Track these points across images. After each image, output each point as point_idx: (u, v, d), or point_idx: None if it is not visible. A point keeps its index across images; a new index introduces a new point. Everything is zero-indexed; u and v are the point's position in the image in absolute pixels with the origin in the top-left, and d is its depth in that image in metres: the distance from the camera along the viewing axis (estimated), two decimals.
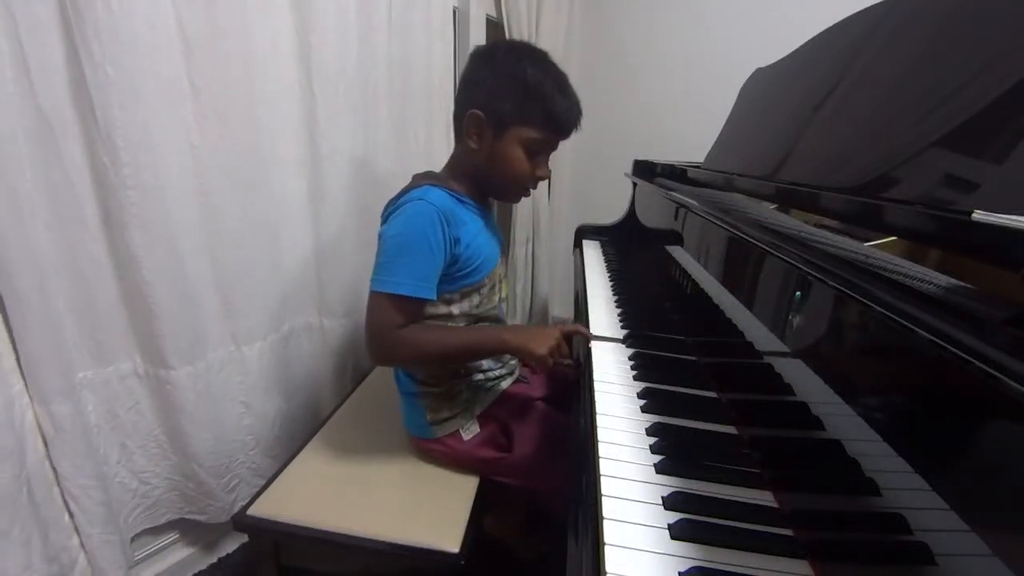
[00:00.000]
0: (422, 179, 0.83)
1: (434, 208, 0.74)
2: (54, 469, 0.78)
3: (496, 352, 0.83)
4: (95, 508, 0.83)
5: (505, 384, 0.93)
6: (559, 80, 0.79)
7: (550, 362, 0.75)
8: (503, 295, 0.94)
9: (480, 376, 0.89)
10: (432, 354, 0.77)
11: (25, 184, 0.70)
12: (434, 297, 0.77)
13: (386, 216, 0.81)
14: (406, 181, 0.85)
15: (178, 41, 0.82)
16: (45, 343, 0.74)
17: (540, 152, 0.82)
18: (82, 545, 0.83)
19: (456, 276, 0.80)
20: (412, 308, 0.75)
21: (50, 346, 0.75)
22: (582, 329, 0.82)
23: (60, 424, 0.77)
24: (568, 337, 0.79)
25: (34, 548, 0.75)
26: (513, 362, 0.96)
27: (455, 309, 0.83)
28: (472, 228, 0.81)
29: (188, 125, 0.86)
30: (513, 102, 0.77)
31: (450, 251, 0.77)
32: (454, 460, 0.86)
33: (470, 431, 0.86)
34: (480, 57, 0.81)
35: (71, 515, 0.81)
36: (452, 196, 0.80)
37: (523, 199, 0.92)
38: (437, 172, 0.88)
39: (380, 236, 0.78)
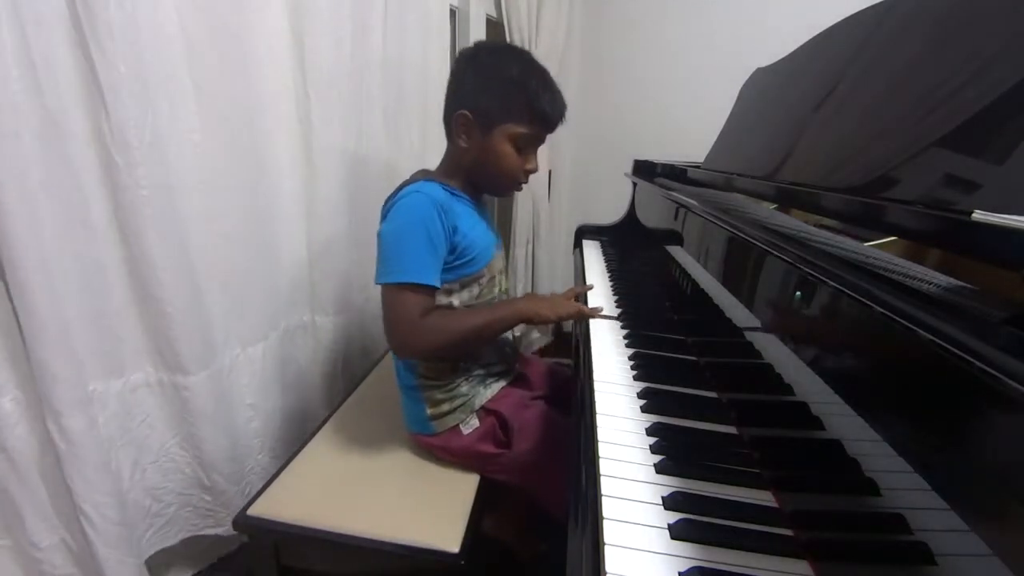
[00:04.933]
0: (417, 176, 0.86)
1: (430, 198, 0.77)
2: (68, 486, 0.76)
3: (513, 322, 0.85)
4: (110, 528, 0.79)
5: (505, 380, 0.93)
6: (541, 76, 0.82)
7: (564, 317, 0.86)
8: (503, 288, 0.95)
9: (480, 371, 0.90)
10: (458, 337, 0.79)
11: (32, 186, 0.69)
12: (439, 285, 0.78)
13: (384, 213, 0.83)
14: (400, 180, 0.86)
15: (180, 39, 0.81)
16: (57, 353, 0.72)
17: (528, 146, 0.84)
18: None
19: (455, 265, 0.82)
20: (426, 298, 0.77)
21: (62, 356, 0.72)
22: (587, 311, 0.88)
23: (71, 438, 0.74)
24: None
25: None
26: (511, 360, 0.96)
27: (455, 300, 0.84)
28: (467, 220, 0.83)
29: (192, 124, 0.85)
30: (498, 100, 0.80)
31: (450, 239, 0.79)
32: (453, 456, 0.87)
33: (470, 425, 0.86)
34: (464, 60, 0.85)
35: (85, 534, 0.78)
36: (446, 190, 0.82)
37: (522, 196, 0.97)
38: (431, 170, 0.91)
39: (379, 234, 0.79)
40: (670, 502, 0.47)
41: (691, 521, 0.45)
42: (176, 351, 0.87)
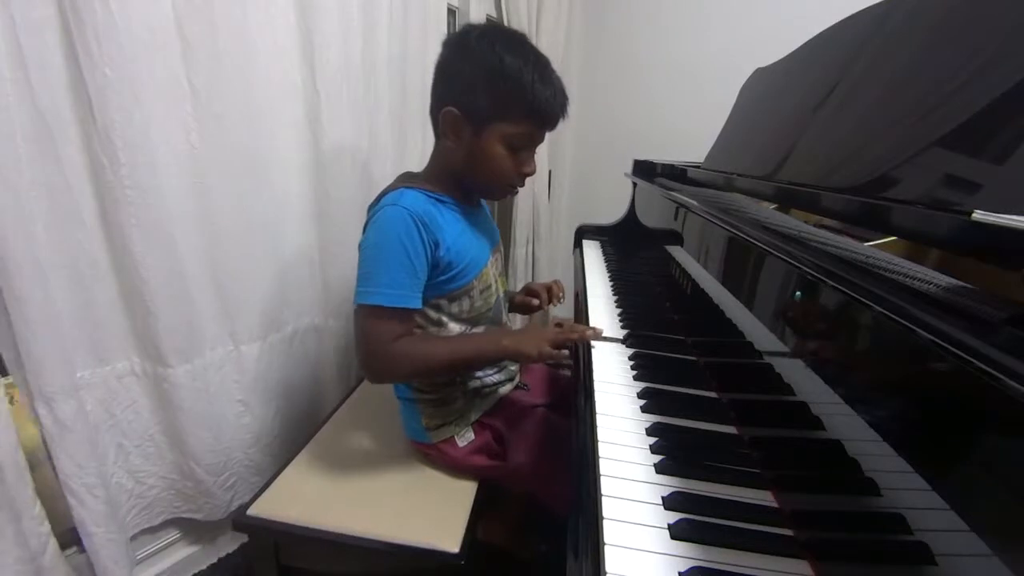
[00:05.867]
0: (399, 181, 0.81)
1: (407, 212, 0.71)
2: (60, 468, 0.78)
3: (495, 358, 0.81)
4: (100, 507, 0.83)
5: (503, 391, 0.91)
6: (539, 66, 0.72)
7: (547, 358, 0.76)
8: (501, 293, 0.92)
9: (476, 383, 0.87)
10: (431, 367, 0.75)
11: (24, 184, 0.70)
12: (419, 305, 0.74)
13: (365, 223, 0.78)
14: None
15: (176, 41, 0.82)
16: (47, 341, 0.74)
17: (524, 147, 0.77)
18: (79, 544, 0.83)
19: (441, 282, 0.77)
20: (401, 319, 0.72)
21: (52, 344, 0.75)
22: (586, 333, 0.79)
23: (64, 423, 0.77)
24: (566, 342, 0.78)
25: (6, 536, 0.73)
26: (514, 368, 0.94)
27: (445, 316, 0.80)
28: (453, 230, 0.77)
29: (187, 125, 0.86)
30: (490, 96, 0.71)
31: (431, 255, 0.73)
32: (450, 465, 0.86)
33: (465, 438, 0.85)
34: (452, 46, 0.75)
35: (77, 514, 0.81)
36: (429, 197, 0.76)
37: (522, 196, 0.91)
38: (416, 173, 0.85)
39: (359, 246, 0.75)
40: (670, 502, 0.47)
41: (691, 521, 0.45)
42: (157, 344, 0.89)
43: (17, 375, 0.74)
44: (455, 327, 0.82)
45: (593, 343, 0.79)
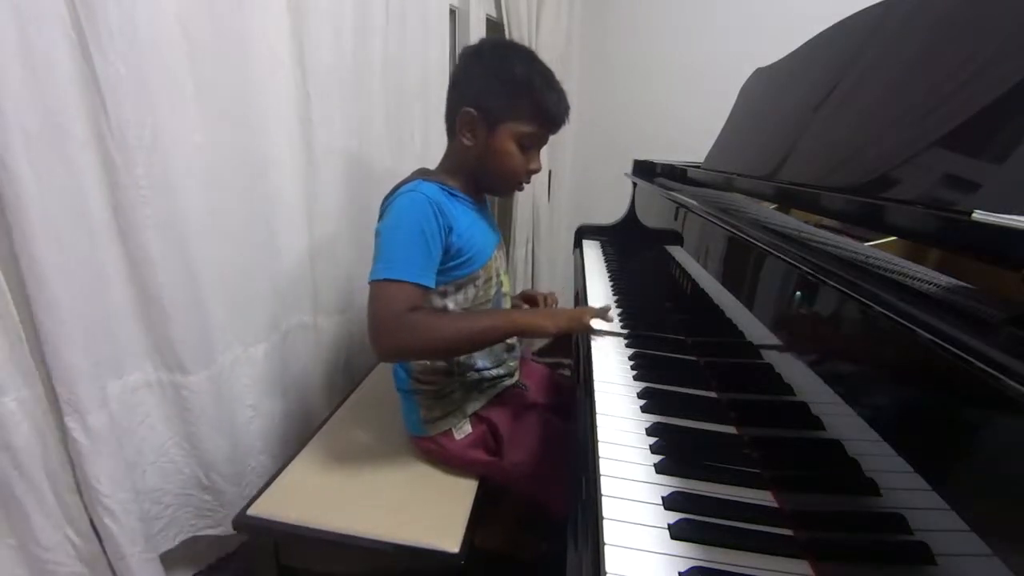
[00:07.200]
0: (415, 175, 0.85)
1: (425, 197, 0.76)
2: (92, 485, 0.77)
3: (508, 333, 0.81)
4: (135, 524, 0.81)
5: (502, 386, 0.92)
6: (546, 75, 0.81)
7: (564, 332, 0.80)
8: (504, 289, 0.93)
9: (475, 375, 0.88)
10: (443, 338, 0.74)
11: (34, 187, 0.68)
12: (433, 285, 0.76)
13: (382, 211, 0.82)
14: (400, 180, 0.86)
15: (181, 40, 0.81)
16: (78, 348, 0.73)
17: (532, 146, 0.84)
18: (110, 565, 0.81)
19: (450, 267, 0.80)
20: (415, 296, 0.74)
21: (83, 351, 0.74)
22: (607, 315, 0.84)
23: (98, 435, 0.75)
24: (583, 318, 0.82)
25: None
26: (513, 364, 0.95)
27: (450, 302, 0.83)
28: (465, 220, 0.82)
29: (192, 125, 0.85)
30: (504, 98, 0.79)
31: (444, 239, 0.77)
32: (448, 460, 0.86)
33: (462, 431, 0.86)
34: (468, 56, 0.84)
35: (110, 534, 0.79)
36: (444, 189, 0.81)
37: (522, 196, 0.95)
38: (431, 169, 0.89)
39: (376, 232, 0.78)
40: (670, 502, 0.47)
41: (691, 521, 0.45)
42: (176, 350, 0.88)
43: (34, 386, 0.72)
44: None
45: (594, 339, 0.80)
